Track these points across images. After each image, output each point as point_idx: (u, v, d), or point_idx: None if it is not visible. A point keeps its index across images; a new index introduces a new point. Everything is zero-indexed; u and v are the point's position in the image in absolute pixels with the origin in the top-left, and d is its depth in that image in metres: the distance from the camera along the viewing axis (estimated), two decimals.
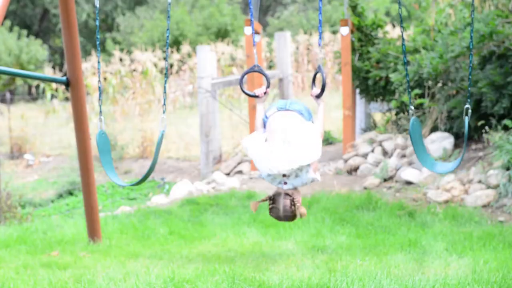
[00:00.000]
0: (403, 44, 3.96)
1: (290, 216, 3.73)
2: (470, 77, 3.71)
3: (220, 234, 6.38)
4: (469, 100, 3.76)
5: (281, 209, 3.72)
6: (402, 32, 4.00)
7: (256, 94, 4.01)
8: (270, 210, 3.77)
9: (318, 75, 3.93)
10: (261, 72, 4.06)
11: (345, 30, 9.85)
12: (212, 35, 26.18)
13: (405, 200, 7.54)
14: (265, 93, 4.02)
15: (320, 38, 3.96)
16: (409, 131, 3.88)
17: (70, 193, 11.22)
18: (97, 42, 4.47)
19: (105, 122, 4.61)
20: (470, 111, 3.69)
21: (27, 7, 34.69)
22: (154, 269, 4.64)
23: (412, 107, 3.95)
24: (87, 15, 32.58)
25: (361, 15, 10.36)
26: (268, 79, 4.04)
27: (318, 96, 3.92)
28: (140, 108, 17.81)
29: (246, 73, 4.09)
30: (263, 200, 3.78)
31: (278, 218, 3.75)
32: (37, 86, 26.70)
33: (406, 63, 4.02)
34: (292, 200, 3.71)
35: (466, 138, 3.70)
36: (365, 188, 8.35)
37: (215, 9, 26.79)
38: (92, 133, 6.05)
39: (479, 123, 8.34)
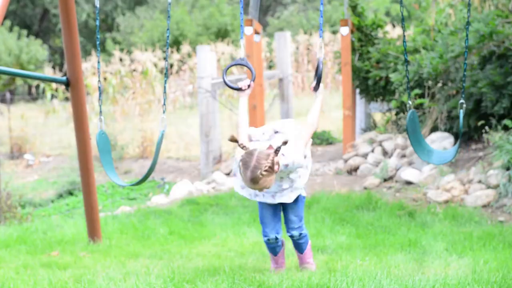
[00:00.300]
0: (404, 41, 3.97)
1: (263, 170, 3.62)
2: (465, 73, 3.76)
3: (220, 234, 6.38)
4: (463, 95, 3.82)
5: (256, 153, 3.67)
6: (404, 31, 4.00)
7: (240, 87, 4.03)
8: (245, 154, 3.69)
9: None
10: (246, 65, 4.09)
11: (345, 30, 9.85)
12: (212, 35, 26.19)
13: (405, 200, 7.54)
14: (249, 86, 4.03)
15: (321, 29, 3.98)
16: (407, 123, 3.90)
17: (70, 193, 11.23)
18: (97, 42, 4.48)
19: (105, 122, 4.61)
20: (464, 105, 3.77)
21: (27, 7, 34.69)
22: (154, 269, 4.64)
23: (410, 102, 3.97)
24: (87, 15, 32.57)
25: (361, 15, 10.36)
26: (253, 73, 4.06)
27: (315, 89, 3.97)
28: (140, 108, 17.81)
29: (231, 66, 4.13)
30: (242, 145, 3.76)
31: (246, 163, 3.65)
32: (37, 86, 26.70)
33: (407, 61, 4.03)
34: (272, 153, 3.69)
35: (461, 131, 3.72)
36: (365, 188, 8.35)
37: (215, 9, 26.79)
38: (92, 133, 6.06)
39: (479, 123, 8.34)
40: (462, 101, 3.85)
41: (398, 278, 3.97)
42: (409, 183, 8.17)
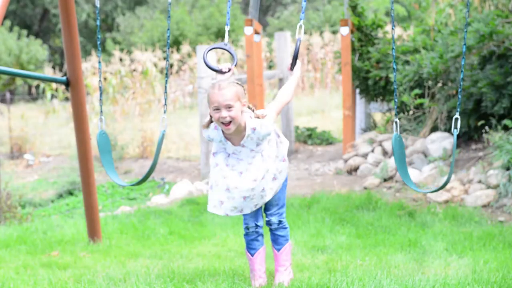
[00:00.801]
0: (393, 49, 3.96)
1: (232, 82, 3.76)
2: (462, 82, 3.71)
3: (220, 234, 6.38)
4: (458, 109, 3.74)
5: (225, 82, 3.79)
6: (393, 36, 3.98)
7: (220, 69, 4.08)
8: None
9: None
10: (229, 50, 4.17)
11: (345, 30, 9.85)
12: (212, 35, 26.21)
13: (405, 200, 7.54)
14: (229, 69, 4.09)
15: (303, 12, 4.01)
16: (392, 147, 3.86)
17: (70, 193, 11.22)
18: (98, 42, 4.48)
19: (105, 122, 4.62)
20: (459, 121, 3.68)
21: (27, 7, 34.71)
22: (154, 269, 4.64)
23: (397, 120, 3.92)
24: (87, 15, 32.60)
25: (361, 15, 10.36)
26: (234, 57, 4.15)
27: (291, 68, 3.99)
28: (140, 108, 17.83)
29: (213, 48, 4.23)
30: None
31: (217, 82, 3.78)
32: (37, 86, 26.72)
33: (395, 70, 3.99)
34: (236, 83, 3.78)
35: (454, 152, 3.62)
36: (365, 188, 8.35)
37: (215, 9, 26.81)
38: (92, 133, 6.06)
39: (479, 123, 8.34)
40: (457, 116, 3.63)
41: (398, 278, 3.98)
42: None
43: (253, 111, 3.86)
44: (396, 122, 3.88)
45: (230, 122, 3.72)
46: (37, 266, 5.11)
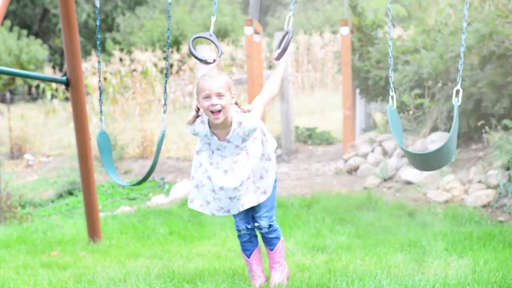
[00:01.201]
0: (390, 51, 3.95)
1: (223, 71, 3.80)
2: (462, 59, 3.68)
3: (220, 234, 6.38)
4: (459, 81, 3.69)
5: (216, 71, 3.83)
6: (389, 37, 3.97)
7: (205, 59, 4.12)
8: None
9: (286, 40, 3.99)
10: (213, 41, 4.29)
11: (345, 30, 9.86)
12: None
13: (405, 200, 7.54)
14: (214, 60, 4.15)
15: (293, 4, 4.04)
16: (387, 118, 3.85)
17: (70, 193, 11.22)
18: (97, 42, 4.49)
19: (105, 122, 4.63)
20: (460, 93, 3.59)
21: (27, 7, 34.69)
22: (154, 269, 4.65)
23: (393, 94, 3.89)
24: (87, 15, 32.57)
25: (361, 15, 10.36)
26: (219, 48, 4.23)
27: (278, 58, 3.99)
28: (140, 108, 17.82)
29: (198, 37, 4.31)
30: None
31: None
32: (37, 86, 26.71)
33: (392, 69, 3.98)
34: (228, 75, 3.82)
35: (456, 123, 3.56)
36: (365, 188, 8.35)
37: None
38: (92, 133, 6.06)
39: (479, 123, 8.34)
40: (458, 88, 3.55)
41: (398, 278, 3.98)
42: (409, 183, 8.17)
43: (239, 106, 3.85)
44: (392, 97, 3.84)
45: (220, 111, 3.68)
46: (37, 266, 5.11)
